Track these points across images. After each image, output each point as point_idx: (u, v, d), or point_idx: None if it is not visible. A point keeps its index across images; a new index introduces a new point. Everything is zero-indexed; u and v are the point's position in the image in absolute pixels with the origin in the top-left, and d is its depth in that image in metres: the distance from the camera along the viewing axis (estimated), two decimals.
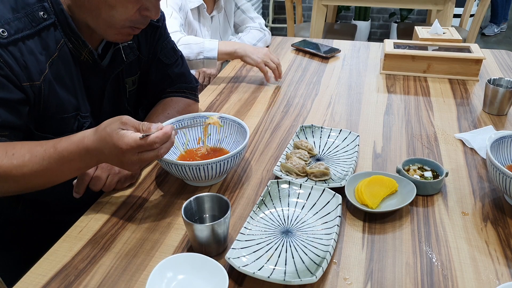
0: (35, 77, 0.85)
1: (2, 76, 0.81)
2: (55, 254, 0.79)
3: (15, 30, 0.81)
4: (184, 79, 1.20)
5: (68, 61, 0.92)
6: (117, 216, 0.88)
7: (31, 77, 0.85)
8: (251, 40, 1.76)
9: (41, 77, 0.86)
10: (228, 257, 0.73)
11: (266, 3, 4.88)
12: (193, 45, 1.46)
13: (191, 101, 1.20)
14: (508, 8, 4.78)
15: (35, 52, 0.85)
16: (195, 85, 1.23)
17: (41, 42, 0.86)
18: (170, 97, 1.17)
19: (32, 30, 0.84)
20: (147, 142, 0.75)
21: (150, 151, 0.77)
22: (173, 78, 1.17)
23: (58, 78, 0.90)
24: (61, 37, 0.89)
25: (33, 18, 0.84)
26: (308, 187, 0.90)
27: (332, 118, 1.28)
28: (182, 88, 1.19)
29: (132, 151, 0.75)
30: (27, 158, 0.79)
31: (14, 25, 0.82)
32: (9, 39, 0.80)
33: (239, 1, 1.79)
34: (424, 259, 0.78)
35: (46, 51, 0.87)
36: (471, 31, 2.80)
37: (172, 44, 1.17)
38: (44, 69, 0.87)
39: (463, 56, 1.51)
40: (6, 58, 0.80)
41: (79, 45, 0.91)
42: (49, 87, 0.89)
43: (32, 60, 0.84)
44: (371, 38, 4.85)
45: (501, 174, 0.83)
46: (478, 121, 1.25)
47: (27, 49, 0.83)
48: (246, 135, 0.96)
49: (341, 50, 1.82)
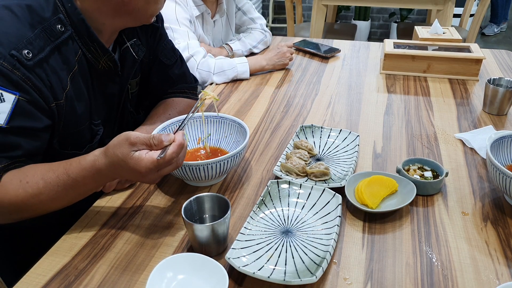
0: (59, 96, 0.84)
1: (30, 103, 0.79)
2: (55, 254, 0.79)
3: (38, 50, 0.79)
4: (185, 79, 1.20)
5: (85, 72, 0.90)
6: (117, 216, 0.88)
7: (56, 97, 0.83)
8: (252, 41, 1.77)
9: (63, 94, 0.85)
10: (228, 257, 0.73)
11: (266, 3, 4.88)
12: (228, 71, 1.52)
13: (192, 101, 1.20)
14: (508, 8, 4.78)
15: (57, 69, 0.83)
16: (195, 85, 1.23)
17: (61, 57, 0.84)
18: (172, 98, 1.17)
19: (52, 45, 0.82)
20: (165, 160, 0.74)
21: (169, 165, 0.76)
22: (174, 79, 1.17)
23: (77, 93, 0.89)
24: (79, 48, 0.87)
25: (51, 32, 0.82)
26: (308, 187, 0.90)
27: (332, 118, 1.28)
28: (183, 88, 1.19)
29: (152, 172, 0.74)
30: (41, 185, 0.77)
31: (36, 44, 0.79)
32: (34, 60, 0.78)
33: (239, 2, 1.78)
34: (424, 259, 0.78)
35: (66, 65, 0.85)
36: (471, 31, 2.79)
37: (171, 44, 1.17)
38: (66, 86, 0.85)
39: (463, 56, 1.51)
40: (34, 81, 0.78)
41: (97, 53, 0.90)
42: (70, 104, 0.87)
43: (56, 78, 0.83)
44: (371, 38, 4.85)
45: (501, 174, 0.83)
46: (478, 121, 1.25)
47: (50, 68, 0.82)
48: (246, 135, 0.96)
49: (341, 50, 1.82)
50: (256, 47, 1.79)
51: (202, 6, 1.58)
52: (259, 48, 1.81)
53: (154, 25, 1.08)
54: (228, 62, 1.53)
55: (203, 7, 1.59)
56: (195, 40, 1.51)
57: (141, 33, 1.05)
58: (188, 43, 1.46)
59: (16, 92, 0.76)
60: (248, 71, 1.55)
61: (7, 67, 0.75)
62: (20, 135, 0.79)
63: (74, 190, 0.80)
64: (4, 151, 0.78)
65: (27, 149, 0.81)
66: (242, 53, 1.75)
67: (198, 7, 1.57)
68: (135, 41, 1.01)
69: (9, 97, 0.76)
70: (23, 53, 0.76)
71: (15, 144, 0.79)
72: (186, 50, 1.45)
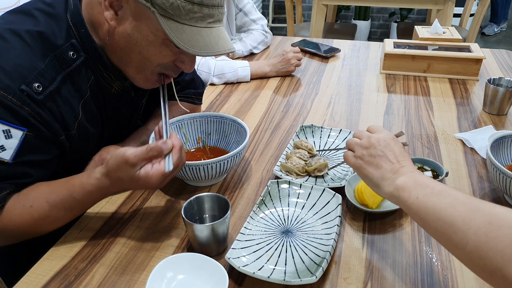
0: (70, 126, 0.83)
1: (38, 138, 0.77)
2: (55, 254, 0.79)
3: (49, 81, 0.77)
4: (194, 85, 1.19)
5: (98, 96, 0.89)
6: (117, 216, 0.88)
7: (67, 128, 0.82)
8: (253, 42, 1.78)
9: (75, 124, 0.84)
10: (228, 257, 0.73)
11: (266, 3, 4.88)
12: (228, 74, 1.51)
13: (195, 106, 1.20)
14: (508, 8, 4.78)
15: (69, 98, 0.81)
16: (202, 90, 1.22)
17: (73, 86, 0.82)
18: (176, 100, 1.16)
19: (63, 74, 0.80)
20: (174, 172, 0.76)
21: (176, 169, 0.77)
22: (183, 85, 1.16)
23: (90, 118, 0.88)
24: (91, 74, 0.85)
25: (63, 60, 0.79)
26: (308, 187, 0.90)
27: (332, 118, 1.28)
28: (190, 94, 1.18)
29: (163, 182, 0.76)
30: (47, 209, 0.77)
31: (48, 75, 0.77)
32: (45, 93, 0.76)
33: (240, 3, 1.77)
34: (424, 259, 0.78)
35: (78, 92, 0.83)
36: (471, 30, 2.79)
37: None
38: (78, 115, 0.84)
39: (463, 55, 1.51)
40: (44, 116, 0.76)
41: (111, 79, 0.88)
42: (82, 131, 0.86)
43: (68, 109, 0.81)
44: (371, 37, 4.85)
45: (501, 174, 0.83)
46: (478, 121, 1.25)
47: (62, 99, 0.80)
48: (246, 135, 0.96)
49: (341, 49, 1.82)
50: (257, 47, 1.79)
51: None
52: (259, 49, 1.81)
53: None
54: (229, 65, 1.52)
55: None
56: None
57: None
58: None
59: (23, 128, 0.75)
60: (249, 76, 1.54)
61: (16, 103, 0.72)
62: (28, 166, 0.79)
63: (80, 209, 0.81)
64: (13, 179, 0.78)
65: (37, 176, 0.80)
66: (242, 53, 1.76)
67: None
68: None
69: (17, 133, 0.74)
70: (33, 86, 0.74)
71: (25, 174, 0.79)
72: None
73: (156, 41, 0.78)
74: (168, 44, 0.78)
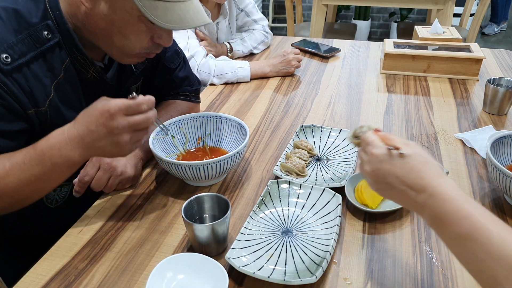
0: (40, 103, 0.83)
1: (4, 107, 0.77)
2: (55, 254, 0.79)
3: (19, 55, 0.78)
4: (188, 82, 1.19)
5: (74, 80, 0.89)
6: (117, 216, 0.88)
7: (37, 103, 0.82)
8: (253, 42, 1.78)
9: (47, 101, 0.84)
10: (228, 257, 0.73)
11: (266, 3, 4.88)
12: (228, 75, 1.51)
13: (193, 104, 1.20)
14: (508, 8, 4.77)
15: (40, 76, 0.82)
16: (198, 87, 1.22)
17: (46, 64, 0.83)
18: (173, 100, 1.16)
19: (36, 51, 0.80)
20: (135, 101, 0.74)
21: (140, 114, 0.75)
22: (177, 82, 1.16)
23: (64, 100, 0.88)
24: (66, 56, 0.86)
25: (37, 39, 0.80)
26: (308, 187, 0.90)
27: (332, 118, 1.28)
28: (186, 92, 1.18)
29: (120, 113, 0.73)
30: (8, 166, 0.75)
31: (18, 48, 0.78)
32: (13, 65, 0.77)
33: (241, 3, 1.77)
34: (424, 259, 0.78)
35: (51, 72, 0.84)
36: (471, 30, 2.79)
37: (175, 47, 1.16)
38: (49, 93, 0.84)
39: (463, 55, 1.51)
40: (10, 86, 0.76)
41: (86, 63, 0.89)
42: (55, 111, 0.86)
43: (37, 85, 0.81)
44: (371, 37, 4.85)
45: (501, 174, 0.83)
46: (478, 121, 1.25)
47: (32, 74, 0.80)
48: (246, 135, 0.96)
49: (341, 49, 1.82)
50: (257, 48, 1.80)
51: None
52: (259, 49, 1.81)
53: None
54: (229, 65, 1.51)
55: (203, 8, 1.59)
56: (195, 40, 1.51)
57: None
58: (188, 43, 1.46)
59: None
60: (249, 76, 1.53)
61: None
62: None
63: (42, 167, 0.75)
64: None
65: (5, 148, 0.79)
66: (242, 53, 1.76)
67: None
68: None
69: None
70: (1, 57, 0.75)
71: None
72: (187, 50, 1.45)
73: (131, 20, 0.80)
74: (144, 21, 0.81)
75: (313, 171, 1.01)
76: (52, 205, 1.01)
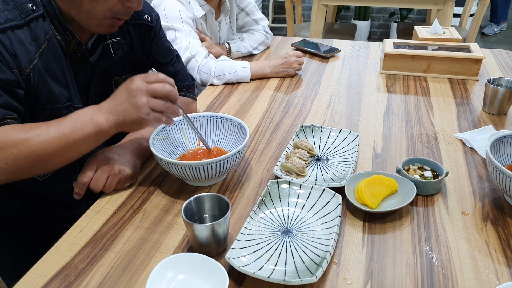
0: (24, 65, 0.86)
1: None
2: (55, 254, 0.79)
3: (4, 20, 0.83)
4: (180, 77, 1.19)
5: (58, 53, 0.93)
6: (117, 216, 0.88)
7: (20, 65, 0.85)
8: (253, 43, 1.78)
9: (30, 66, 0.87)
10: (228, 257, 0.73)
11: (266, 3, 4.88)
12: (228, 75, 1.51)
13: (189, 99, 1.19)
14: (508, 8, 4.78)
15: (24, 42, 0.86)
16: (191, 83, 1.22)
17: (30, 33, 0.87)
18: None
19: (21, 21, 0.85)
20: (154, 72, 0.87)
21: (159, 83, 0.86)
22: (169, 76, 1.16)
23: (49, 69, 0.91)
24: (50, 28, 0.90)
25: (22, 10, 0.86)
26: (308, 187, 0.90)
27: (332, 118, 1.28)
28: (179, 87, 1.18)
29: (139, 78, 0.85)
30: (43, 128, 0.82)
31: (4, 15, 0.83)
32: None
33: (242, 3, 1.77)
34: (424, 259, 0.78)
35: (35, 42, 0.88)
36: (471, 30, 2.80)
37: (167, 44, 1.17)
38: (33, 59, 0.88)
39: (463, 55, 1.51)
40: None
41: (67, 37, 0.92)
42: (39, 77, 0.89)
43: (21, 49, 0.85)
44: (371, 37, 4.85)
45: (501, 174, 0.83)
46: (478, 121, 1.25)
47: (16, 38, 0.84)
48: (246, 135, 0.96)
49: (341, 50, 1.82)
50: (257, 48, 1.80)
51: (206, 6, 1.58)
52: (259, 50, 1.81)
53: (147, 25, 1.09)
54: (230, 66, 1.51)
55: (207, 7, 1.58)
56: (197, 40, 1.51)
57: (133, 32, 1.06)
58: (190, 43, 1.46)
59: None
60: (249, 77, 1.53)
61: None
62: None
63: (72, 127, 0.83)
64: None
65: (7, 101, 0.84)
66: (241, 54, 1.76)
67: (202, 7, 1.57)
68: (118, 39, 1.03)
69: None
70: None
71: None
72: (188, 50, 1.45)
73: None
74: None
75: (313, 171, 1.01)
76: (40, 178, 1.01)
